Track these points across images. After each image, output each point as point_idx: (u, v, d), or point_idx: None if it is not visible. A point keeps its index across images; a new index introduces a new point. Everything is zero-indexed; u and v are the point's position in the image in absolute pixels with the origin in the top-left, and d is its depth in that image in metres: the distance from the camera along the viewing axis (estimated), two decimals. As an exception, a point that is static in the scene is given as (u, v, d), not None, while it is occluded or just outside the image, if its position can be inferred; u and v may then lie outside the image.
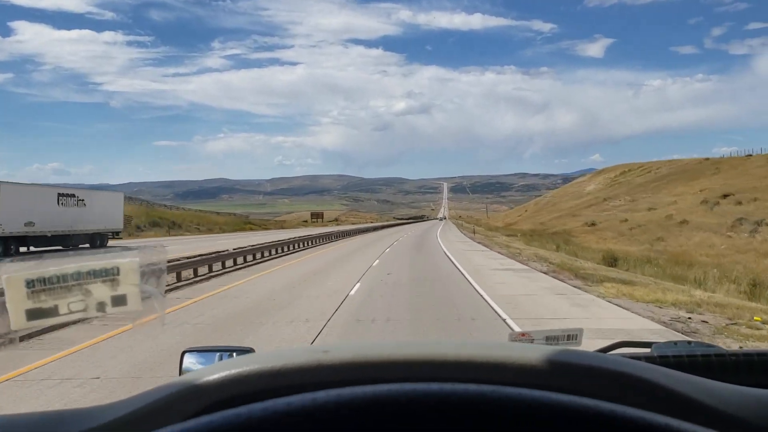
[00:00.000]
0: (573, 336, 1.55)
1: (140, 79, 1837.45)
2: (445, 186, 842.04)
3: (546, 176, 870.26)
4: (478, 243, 41.51)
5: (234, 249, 25.33)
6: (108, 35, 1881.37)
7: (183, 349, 1.63)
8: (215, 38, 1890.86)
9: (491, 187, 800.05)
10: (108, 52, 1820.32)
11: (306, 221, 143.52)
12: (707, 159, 78.09)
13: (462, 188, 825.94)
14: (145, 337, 9.01)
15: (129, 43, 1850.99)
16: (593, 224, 54.70)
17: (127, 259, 0.76)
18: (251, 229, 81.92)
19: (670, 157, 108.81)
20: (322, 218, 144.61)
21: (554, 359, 0.75)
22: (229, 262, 22.96)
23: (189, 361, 1.57)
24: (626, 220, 50.38)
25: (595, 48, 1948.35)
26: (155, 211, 77.18)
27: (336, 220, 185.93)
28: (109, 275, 0.75)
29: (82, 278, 0.74)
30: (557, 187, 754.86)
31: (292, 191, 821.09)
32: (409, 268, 22.60)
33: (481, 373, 0.75)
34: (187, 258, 19.56)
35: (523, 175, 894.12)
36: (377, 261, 26.21)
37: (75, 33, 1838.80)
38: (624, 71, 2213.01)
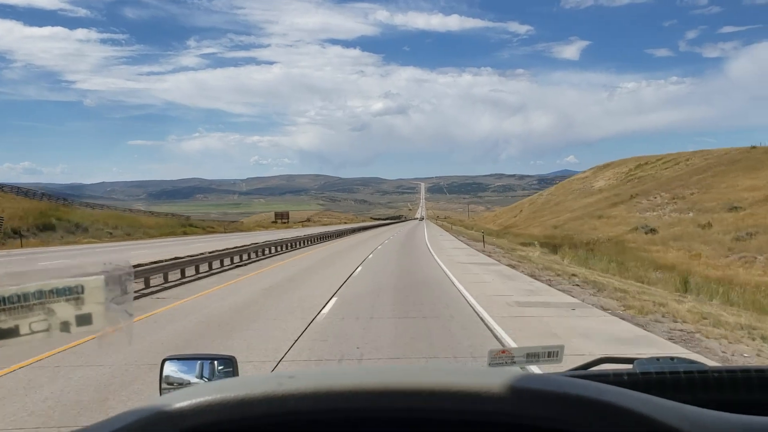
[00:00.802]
0: (554, 353, 1.48)
1: (114, 78, 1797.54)
2: (423, 186, 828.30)
3: (522, 177, 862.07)
4: (506, 265, 24.17)
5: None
6: (81, 33, 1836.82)
7: (162, 358, 1.57)
8: (190, 37, 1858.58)
9: (468, 188, 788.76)
10: (81, 49, 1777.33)
11: (275, 221, 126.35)
12: (754, 147, 61.79)
13: (439, 188, 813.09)
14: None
15: (103, 41, 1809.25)
16: (653, 231, 37.64)
17: (93, 276, 0.73)
18: (187, 234, 63.77)
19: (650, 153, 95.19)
20: (288, 219, 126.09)
21: (522, 387, 0.73)
22: None
23: (170, 369, 1.53)
24: (707, 225, 33.42)
25: (571, 50, 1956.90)
26: (59, 210, 58.16)
27: (308, 220, 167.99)
28: (74, 294, 0.72)
29: (44, 297, 0.71)
30: (533, 188, 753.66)
31: (268, 191, 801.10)
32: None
33: (447, 403, 0.73)
34: None
35: (500, 176, 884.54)
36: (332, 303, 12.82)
37: (47, 30, 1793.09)
38: (599, 73, 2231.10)
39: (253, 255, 27.37)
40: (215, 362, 1.53)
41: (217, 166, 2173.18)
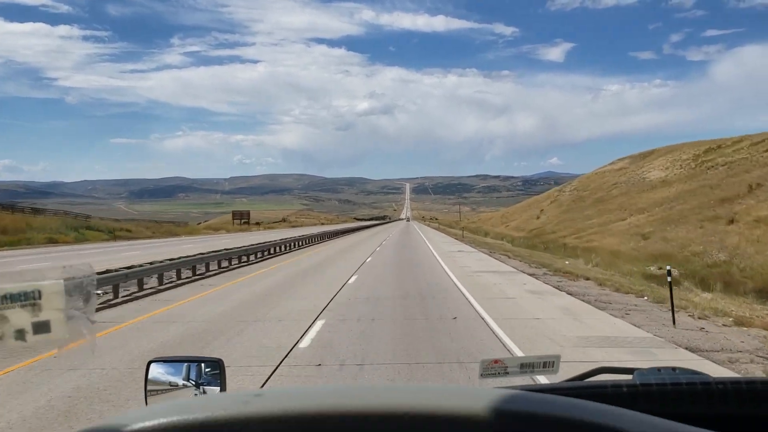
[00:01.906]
0: (550, 363, 1.38)
1: (97, 75, 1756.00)
2: (408, 186, 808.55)
3: (506, 178, 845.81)
4: None
5: None
6: (63, 29, 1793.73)
7: (148, 360, 1.52)
8: (174, 34, 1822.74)
9: (453, 188, 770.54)
10: (63, 46, 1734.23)
11: (245, 222, 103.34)
12: None
13: (424, 189, 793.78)
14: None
15: (85, 38, 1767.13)
16: None
17: (51, 280, 0.66)
18: (76, 241, 40.37)
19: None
20: (249, 219, 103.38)
21: (506, 408, 0.68)
22: None
23: (157, 371, 1.48)
24: None
25: (556, 52, 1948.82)
26: None
27: (283, 220, 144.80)
28: (29, 299, 0.65)
29: None
30: (518, 189, 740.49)
31: (251, 190, 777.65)
32: None
33: (428, 427, 0.68)
34: None
35: (485, 177, 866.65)
36: None
37: (29, 26, 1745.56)
38: (584, 76, 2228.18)
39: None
40: (202, 365, 1.48)
41: (200, 165, 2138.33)
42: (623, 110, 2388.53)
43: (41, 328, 0.65)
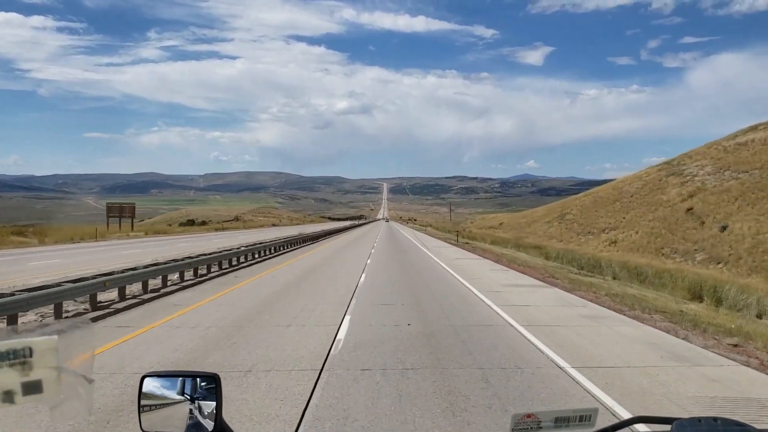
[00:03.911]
0: (586, 417, 1.28)
1: (71, 68, 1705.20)
2: (385, 186, 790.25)
3: (484, 180, 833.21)
4: None
5: None
6: (37, 20, 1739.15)
7: (142, 374, 1.48)
8: (151, 28, 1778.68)
9: (431, 189, 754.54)
10: (37, 37, 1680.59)
11: (201, 223, 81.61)
12: None
13: (402, 189, 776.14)
14: None
15: (60, 29, 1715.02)
16: None
17: (43, 336, 0.61)
18: None
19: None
20: (132, 215, 65.10)
21: None
22: None
23: (152, 385, 1.45)
24: None
25: (536, 56, 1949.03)
26: None
27: (236, 219, 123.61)
28: (19, 357, 0.59)
29: None
30: (495, 191, 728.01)
31: (226, 188, 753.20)
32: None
33: None
34: None
35: (462, 178, 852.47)
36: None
37: (0, 16, 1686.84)
38: (562, 80, 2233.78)
39: None
40: (197, 379, 1.45)
41: (175, 161, 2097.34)
42: (600, 115, 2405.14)
43: (32, 388, 0.60)
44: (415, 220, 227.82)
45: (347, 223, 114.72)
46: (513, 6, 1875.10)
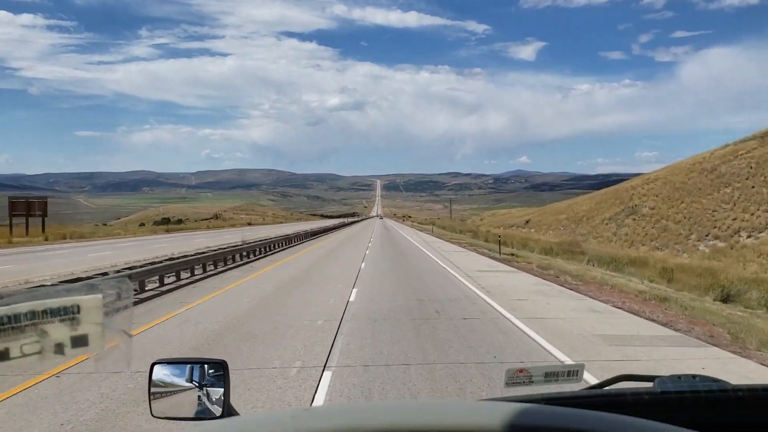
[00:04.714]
0: (573, 372, 1.40)
1: (61, 66, 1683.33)
2: (379, 183, 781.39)
3: (478, 176, 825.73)
4: None
5: None
6: (26, 18, 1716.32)
7: (152, 362, 1.51)
8: (142, 26, 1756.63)
9: (424, 186, 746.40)
10: (26, 35, 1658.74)
11: (176, 221, 71.82)
12: None
13: (395, 186, 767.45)
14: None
15: (50, 27, 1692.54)
16: None
17: (90, 295, 0.67)
18: None
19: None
20: (44, 214, 45.28)
21: (520, 423, 0.70)
22: None
23: (161, 373, 1.48)
24: None
25: (528, 51, 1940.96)
26: None
27: (215, 216, 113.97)
28: (69, 314, 0.66)
29: (37, 318, 0.64)
30: (489, 187, 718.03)
31: (218, 185, 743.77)
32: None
33: None
34: None
35: (456, 175, 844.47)
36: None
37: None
38: (554, 75, 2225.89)
39: None
40: (205, 366, 1.47)
41: (167, 159, 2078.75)
42: (592, 110, 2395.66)
43: (79, 341, 0.66)
44: (409, 216, 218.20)
45: (335, 222, 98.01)
46: (505, 1, 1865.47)
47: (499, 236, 29.46)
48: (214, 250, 20.72)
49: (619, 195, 59.76)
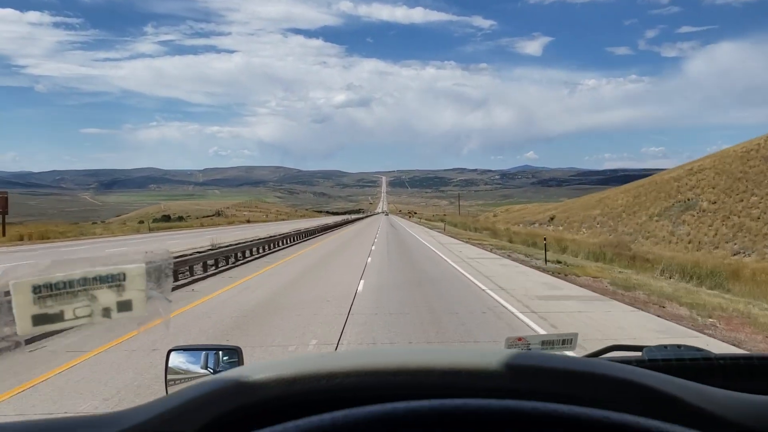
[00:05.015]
0: (568, 340, 1.50)
1: (68, 63, 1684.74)
2: (384, 180, 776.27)
3: (484, 172, 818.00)
4: None
5: None
6: (33, 15, 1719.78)
7: (169, 348, 1.54)
8: (148, 23, 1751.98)
9: (430, 182, 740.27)
10: (33, 33, 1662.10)
11: (177, 218, 65.78)
12: None
13: (401, 182, 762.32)
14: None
15: (56, 25, 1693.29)
16: None
17: (134, 264, 0.73)
18: None
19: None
20: (3, 212, 36.31)
21: (549, 366, 0.75)
22: None
23: (177, 360, 1.51)
24: None
25: (534, 46, 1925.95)
26: None
27: (218, 213, 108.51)
28: (116, 281, 0.72)
29: (88, 284, 0.71)
30: (495, 182, 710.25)
31: (225, 182, 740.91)
32: None
33: (477, 381, 0.75)
34: None
35: (462, 171, 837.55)
36: None
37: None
38: (561, 70, 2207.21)
39: None
40: (220, 353, 1.50)
41: (174, 156, 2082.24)
42: (598, 105, 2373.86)
43: (124, 306, 0.72)
44: (415, 213, 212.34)
45: (336, 219, 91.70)
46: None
47: (545, 239, 23.17)
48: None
49: (662, 188, 52.94)
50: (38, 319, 0.68)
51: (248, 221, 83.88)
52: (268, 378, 0.76)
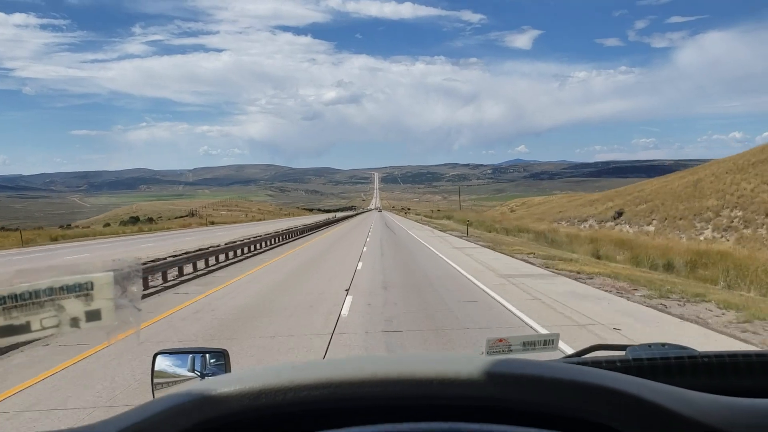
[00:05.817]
0: (549, 341, 1.46)
1: (56, 65, 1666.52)
2: (376, 176, 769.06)
3: (476, 166, 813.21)
4: None
5: None
6: (19, 17, 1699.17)
7: (155, 352, 1.52)
8: (136, 23, 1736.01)
9: (422, 177, 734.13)
10: (19, 35, 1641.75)
11: (147, 219, 56.50)
12: None
13: (393, 178, 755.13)
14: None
15: (43, 27, 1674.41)
16: None
17: (102, 273, 0.70)
18: None
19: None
20: None
21: (521, 373, 0.74)
22: None
23: (164, 363, 1.50)
24: None
25: (524, 39, 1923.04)
26: None
27: (191, 214, 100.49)
28: (83, 290, 0.69)
29: (55, 294, 0.68)
30: (487, 177, 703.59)
31: (216, 181, 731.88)
32: None
33: (448, 389, 0.74)
34: None
35: (454, 165, 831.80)
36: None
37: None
38: (551, 63, 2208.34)
39: None
40: (207, 356, 1.49)
41: (164, 156, 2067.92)
42: (589, 98, 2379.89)
43: (93, 316, 0.69)
44: (409, 209, 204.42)
45: (319, 219, 74.78)
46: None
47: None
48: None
49: (698, 179, 42.41)
50: (4, 331, 0.66)
51: (212, 223, 74.36)
52: (233, 391, 0.75)
